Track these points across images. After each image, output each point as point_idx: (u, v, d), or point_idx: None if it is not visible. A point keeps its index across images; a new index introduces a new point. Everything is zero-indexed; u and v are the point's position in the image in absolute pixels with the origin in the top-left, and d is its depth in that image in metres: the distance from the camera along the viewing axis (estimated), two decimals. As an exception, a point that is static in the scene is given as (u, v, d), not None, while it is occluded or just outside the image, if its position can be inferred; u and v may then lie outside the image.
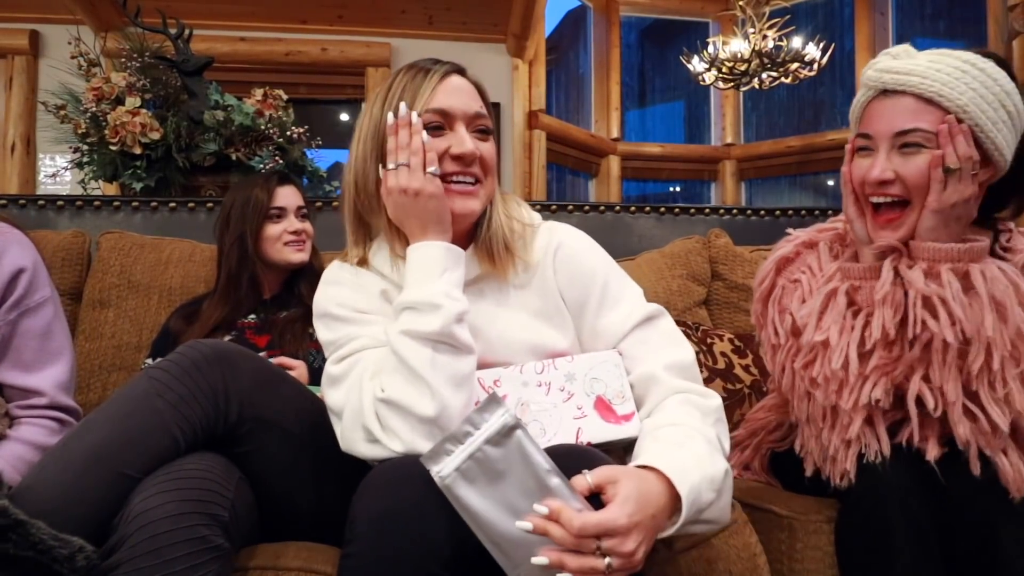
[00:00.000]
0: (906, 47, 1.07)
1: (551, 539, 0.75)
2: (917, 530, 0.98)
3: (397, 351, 0.90)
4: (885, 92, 1.06)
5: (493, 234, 1.03)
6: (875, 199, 1.06)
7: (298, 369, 1.43)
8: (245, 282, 1.55)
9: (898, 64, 1.04)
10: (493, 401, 0.77)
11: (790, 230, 1.26)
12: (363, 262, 1.05)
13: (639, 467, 0.84)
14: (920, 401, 1.02)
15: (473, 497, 0.75)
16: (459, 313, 0.92)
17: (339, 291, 1.03)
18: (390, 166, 0.96)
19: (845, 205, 1.10)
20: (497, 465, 0.75)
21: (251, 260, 1.56)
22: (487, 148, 1.01)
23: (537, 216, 1.12)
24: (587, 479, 0.79)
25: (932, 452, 1.01)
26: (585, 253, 1.08)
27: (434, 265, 0.94)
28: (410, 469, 0.82)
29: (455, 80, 1.01)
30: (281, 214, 1.60)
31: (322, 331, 1.02)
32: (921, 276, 1.01)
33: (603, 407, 0.95)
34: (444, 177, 0.98)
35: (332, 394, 0.96)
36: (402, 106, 0.96)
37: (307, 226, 1.63)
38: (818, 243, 1.20)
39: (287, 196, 1.61)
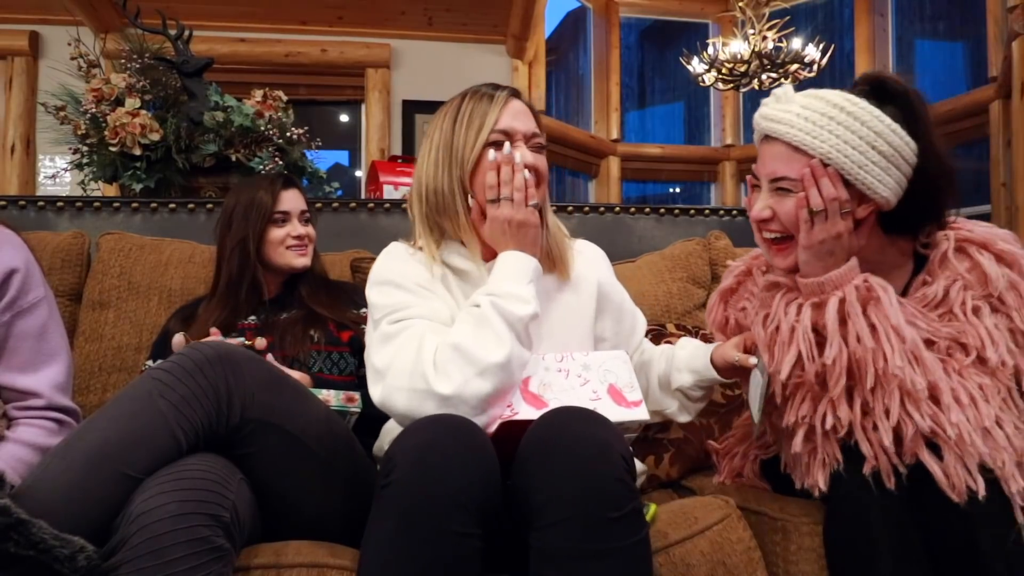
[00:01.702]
0: (787, 90, 1.10)
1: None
2: (897, 530, 0.99)
3: (482, 313, 1.02)
4: (766, 136, 1.10)
5: (551, 236, 1.19)
6: (764, 233, 1.12)
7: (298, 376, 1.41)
8: (246, 286, 1.53)
9: (774, 111, 1.08)
10: None
11: (730, 261, 1.33)
12: (430, 252, 1.16)
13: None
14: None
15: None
16: (537, 314, 1.06)
17: (404, 265, 1.15)
18: (490, 197, 1.09)
19: (754, 233, 1.16)
20: None
21: (253, 264, 1.54)
22: (541, 161, 1.17)
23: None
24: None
25: (866, 467, 1.03)
26: (614, 276, 1.31)
27: (525, 273, 1.08)
28: (446, 422, 0.91)
29: (515, 104, 1.15)
30: (285, 218, 1.58)
31: (378, 296, 1.11)
32: (794, 312, 1.08)
33: (615, 393, 1.07)
34: None
35: (381, 352, 1.04)
36: (506, 146, 1.10)
37: (310, 230, 1.61)
38: (752, 270, 1.26)
39: (291, 200, 1.59)
